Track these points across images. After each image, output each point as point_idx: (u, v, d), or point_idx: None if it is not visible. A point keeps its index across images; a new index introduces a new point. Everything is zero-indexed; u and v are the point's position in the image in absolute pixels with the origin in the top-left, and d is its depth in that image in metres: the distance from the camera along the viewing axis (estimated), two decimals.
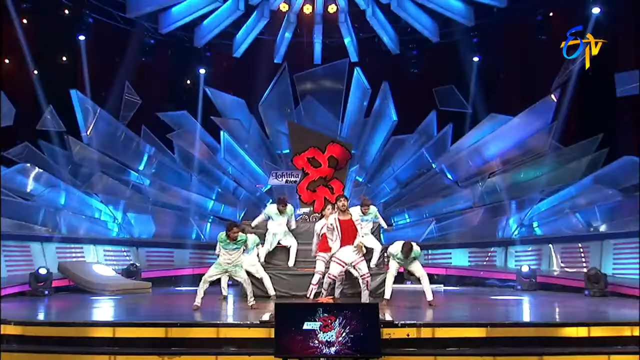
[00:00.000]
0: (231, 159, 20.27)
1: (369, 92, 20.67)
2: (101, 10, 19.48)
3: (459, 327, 8.98)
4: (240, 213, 19.64)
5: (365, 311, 7.82)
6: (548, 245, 16.70)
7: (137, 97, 19.45)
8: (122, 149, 19.21)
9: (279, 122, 20.32)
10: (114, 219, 18.23)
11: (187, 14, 19.62)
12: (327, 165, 16.70)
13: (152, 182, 19.30)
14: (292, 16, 20.66)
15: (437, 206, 19.41)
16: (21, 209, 16.34)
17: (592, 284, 13.19)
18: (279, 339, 7.66)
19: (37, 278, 13.10)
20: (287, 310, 7.97)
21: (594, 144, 17.73)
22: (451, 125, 19.98)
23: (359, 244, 10.85)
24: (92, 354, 8.28)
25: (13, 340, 8.87)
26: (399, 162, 20.28)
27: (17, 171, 16.93)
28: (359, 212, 12.11)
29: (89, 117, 18.57)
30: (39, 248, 15.52)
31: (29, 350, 8.46)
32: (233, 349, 8.50)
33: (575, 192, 17.14)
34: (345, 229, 10.81)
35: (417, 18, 20.10)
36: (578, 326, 8.94)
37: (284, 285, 12.86)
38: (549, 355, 8.33)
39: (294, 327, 7.60)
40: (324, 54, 21.51)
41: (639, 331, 8.66)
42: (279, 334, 7.68)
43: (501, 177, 18.64)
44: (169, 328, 8.84)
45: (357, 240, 10.83)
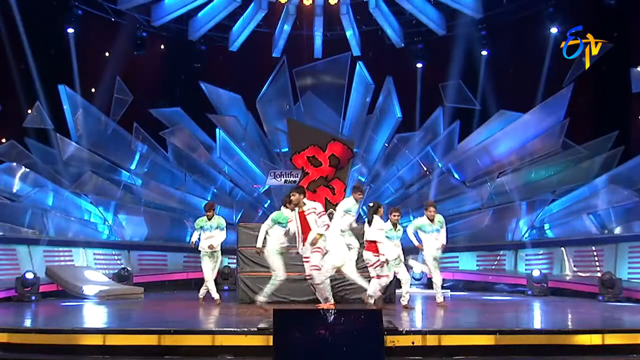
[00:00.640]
0: (227, 157, 20.31)
1: (372, 88, 20.72)
2: (90, 2, 19.50)
3: (466, 335, 8.97)
4: (236, 215, 19.66)
5: (369, 317, 7.83)
6: (560, 249, 16.75)
7: (128, 93, 19.51)
8: (113, 147, 19.27)
9: (278, 119, 20.38)
10: (105, 221, 18.26)
11: (181, 6, 19.67)
12: (328, 164, 16.76)
13: (144, 182, 19.34)
14: (292, 8, 20.67)
15: (444, 207, 19.36)
16: (7, 210, 16.38)
17: (606, 289, 13.21)
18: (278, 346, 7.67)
19: (23, 283, 13.09)
20: (286, 316, 7.98)
21: (609, 142, 17.78)
22: (458, 123, 20.04)
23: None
24: None
25: None
26: (404, 162, 20.31)
27: (2, 170, 16.98)
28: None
29: (78, 113, 18.62)
30: (26, 251, 15.53)
31: (14, 358, 8.45)
32: (229, 357, 8.50)
33: (589, 193, 17.14)
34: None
35: (423, 10, 20.14)
36: (592, 333, 8.93)
37: (282, 291, 12.87)
38: None
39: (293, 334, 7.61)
40: (325, 47, 21.55)
41: None
42: (278, 342, 7.69)
43: (511, 176, 18.68)
44: (162, 335, 8.83)
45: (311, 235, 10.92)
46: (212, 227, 13.23)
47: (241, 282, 13.16)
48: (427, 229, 11.87)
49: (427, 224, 11.89)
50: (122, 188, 18.87)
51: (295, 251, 13.27)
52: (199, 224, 13.33)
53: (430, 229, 11.88)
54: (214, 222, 13.27)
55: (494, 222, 18.33)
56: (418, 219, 12.21)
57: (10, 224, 16.18)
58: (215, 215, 13.44)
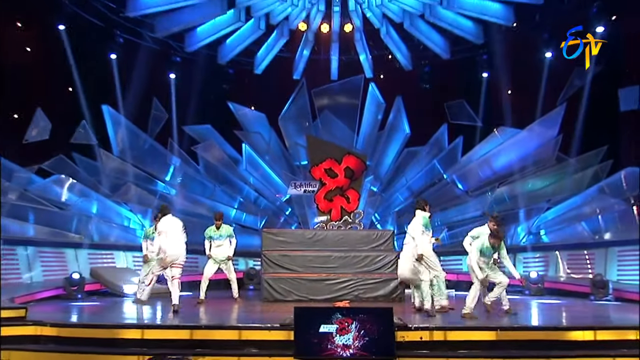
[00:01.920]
0: (252, 170, 20.38)
1: (383, 107, 20.75)
2: (131, 30, 19.69)
3: (469, 331, 8.96)
4: (261, 221, 19.69)
5: (381, 315, 7.83)
6: (555, 253, 16.60)
7: (164, 112, 19.66)
8: (150, 160, 19.38)
9: (298, 135, 20.42)
10: (142, 227, 18.34)
11: (212, 33, 19.73)
12: (343, 175, 16.71)
13: (178, 191, 19.42)
14: (310, 35, 20.73)
15: (449, 215, 19.36)
16: (56, 217, 16.48)
17: (597, 289, 13.12)
18: (298, 341, 7.69)
19: (70, 282, 13.21)
20: (306, 313, 8.01)
21: (599, 156, 17.66)
22: (461, 138, 19.99)
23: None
24: (122, 355, 8.34)
25: (49, 341, 8.97)
26: (412, 173, 20.28)
27: (52, 182, 17.06)
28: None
29: (119, 130, 18.78)
30: (73, 254, 15.67)
31: (63, 350, 8.52)
32: (254, 351, 8.53)
33: (581, 202, 17.00)
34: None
35: (429, 36, 20.08)
36: (584, 330, 8.90)
37: (302, 290, 12.91)
38: (557, 358, 8.32)
39: (312, 330, 7.63)
40: (340, 70, 21.52)
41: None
42: (298, 336, 7.71)
43: (509, 187, 18.57)
44: (193, 330, 8.90)
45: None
46: (221, 236, 13.19)
47: (265, 283, 13.18)
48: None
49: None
50: (158, 197, 18.90)
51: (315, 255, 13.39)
52: (208, 233, 13.25)
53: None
54: (222, 232, 13.22)
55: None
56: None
57: (59, 230, 16.32)
58: (223, 225, 13.38)
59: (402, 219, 19.63)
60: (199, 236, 18.86)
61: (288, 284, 13.02)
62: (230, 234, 13.32)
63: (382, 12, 19.56)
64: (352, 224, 15.68)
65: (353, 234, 14.95)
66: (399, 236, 15.96)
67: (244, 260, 17.93)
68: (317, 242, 14.23)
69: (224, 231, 13.22)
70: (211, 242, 13.21)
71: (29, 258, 14.80)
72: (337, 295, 12.71)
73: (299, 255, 13.71)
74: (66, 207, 17.04)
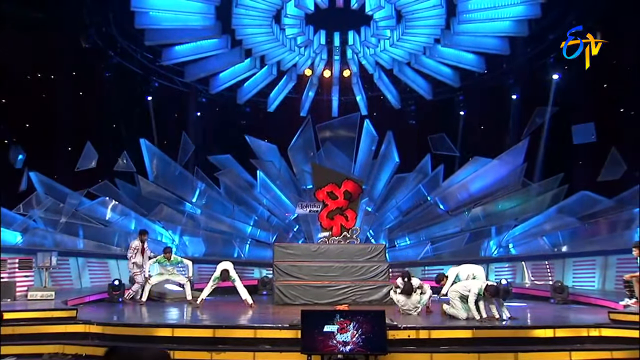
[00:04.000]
0: (265, 192, 20.43)
1: (376, 139, 20.83)
2: (164, 76, 19.97)
3: (450, 330, 9.04)
4: (272, 236, 19.72)
5: (375, 317, 7.90)
6: (521, 263, 16.63)
7: (191, 144, 19.80)
8: (180, 185, 19.42)
9: (304, 163, 20.48)
10: (173, 241, 18.41)
11: (232, 78, 20.02)
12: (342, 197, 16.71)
13: (202, 211, 19.47)
14: (315, 79, 20.97)
15: (432, 231, 19.34)
16: (101, 233, 16.63)
17: (556, 293, 13.11)
18: (305, 338, 7.75)
19: (113, 288, 13.25)
20: (311, 315, 8.08)
21: (557, 181, 17.73)
22: (443, 166, 20.02)
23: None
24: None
25: (96, 337, 9.09)
26: (401, 195, 20.32)
27: (98, 203, 17.17)
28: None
29: (154, 160, 18.94)
30: (115, 264, 15.74)
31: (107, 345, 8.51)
32: (267, 347, 8.60)
33: (543, 220, 17.08)
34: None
35: (415, 80, 20.36)
36: (546, 328, 8.99)
37: (308, 295, 12.95)
38: (523, 352, 8.36)
39: (316, 329, 7.70)
40: (340, 108, 21.71)
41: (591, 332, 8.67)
42: (305, 335, 7.78)
43: (483, 207, 18.58)
44: (216, 329, 8.98)
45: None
46: (171, 264, 13.37)
47: (276, 289, 13.21)
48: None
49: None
50: (186, 216, 18.97)
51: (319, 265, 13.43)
52: (159, 260, 13.42)
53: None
54: (172, 260, 13.38)
55: (470, 242, 18.25)
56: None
57: (104, 243, 16.44)
58: (173, 255, 13.56)
59: (393, 234, 19.70)
60: (222, 248, 19.04)
61: (296, 290, 13.06)
62: (179, 261, 13.51)
63: (375, 60, 19.83)
64: (350, 239, 15.71)
65: (351, 247, 15.00)
66: (390, 249, 15.98)
67: (258, 269, 17.92)
68: (321, 255, 14.33)
69: (174, 260, 13.39)
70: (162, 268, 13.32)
71: (79, 267, 14.90)
72: (338, 300, 12.75)
73: (305, 266, 13.79)
74: (109, 224, 17.13)
